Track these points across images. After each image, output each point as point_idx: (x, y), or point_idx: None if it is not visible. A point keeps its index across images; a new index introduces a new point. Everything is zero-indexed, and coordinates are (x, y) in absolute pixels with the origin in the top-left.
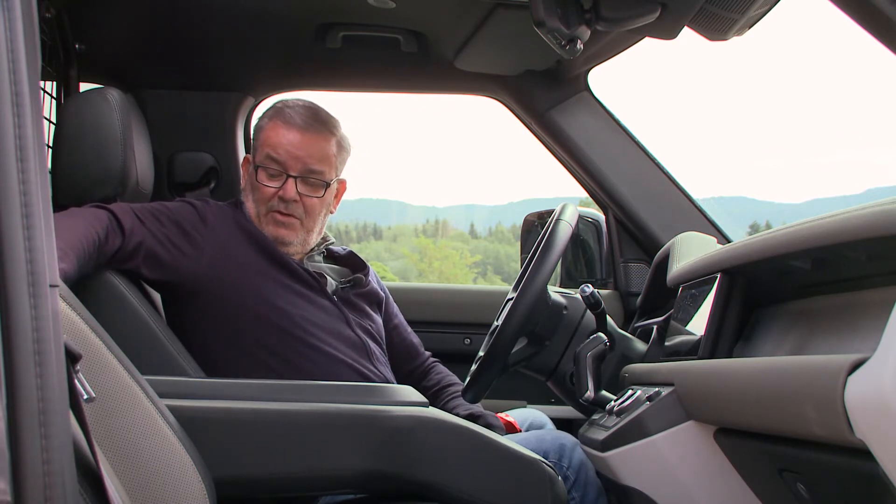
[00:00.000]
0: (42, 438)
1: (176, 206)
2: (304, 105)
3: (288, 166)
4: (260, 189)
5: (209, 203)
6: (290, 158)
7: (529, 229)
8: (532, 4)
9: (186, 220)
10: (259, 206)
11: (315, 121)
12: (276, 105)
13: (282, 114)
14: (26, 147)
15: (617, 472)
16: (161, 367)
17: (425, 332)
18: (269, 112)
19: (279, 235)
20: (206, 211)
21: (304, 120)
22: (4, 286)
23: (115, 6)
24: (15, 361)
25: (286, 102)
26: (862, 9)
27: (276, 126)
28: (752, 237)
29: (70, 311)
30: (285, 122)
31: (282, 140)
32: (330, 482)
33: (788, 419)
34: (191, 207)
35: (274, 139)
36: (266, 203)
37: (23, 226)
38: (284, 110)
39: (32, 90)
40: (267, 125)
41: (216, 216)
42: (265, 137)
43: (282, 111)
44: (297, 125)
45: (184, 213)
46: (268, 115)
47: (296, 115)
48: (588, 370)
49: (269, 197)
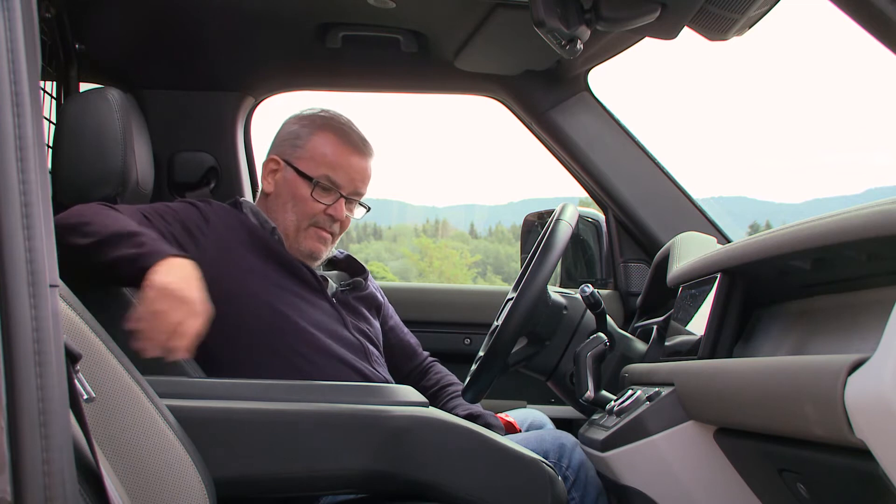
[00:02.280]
0: (42, 438)
1: (180, 206)
2: (352, 123)
3: (343, 187)
4: (309, 203)
5: (211, 203)
6: (347, 181)
7: (529, 229)
8: (532, 4)
9: (190, 220)
10: (301, 220)
11: (367, 144)
12: (325, 117)
13: (341, 133)
14: (26, 147)
15: (617, 472)
16: (161, 367)
17: (425, 332)
18: (317, 122)
19: (316, 250)
20: (208, 211)
21: (364, 143)
22: (4, 286)
23: (115, 6)
24: (15, 361)
25: (338, 118)
26: (862, 9)
27: (336, 144)
28: (752, 237)
29: (70, 311)
30: (348, 143)
31: (343, 162)
32: (330, 482)
33: (788, 419)
34: (194, 207)
35: (335, 159)
36: (311, 217)
37: (23, 226)
38: (343, 128)
39: (32, 90)
40: (321, 139)
41: (219, 216)
42: (322, 153)
43: (340, 129)
44: (359, 149)
45: (187, 212)
46: (318, 125)
47: (355, 136)
48: (588, 370)
49: (317, 212)
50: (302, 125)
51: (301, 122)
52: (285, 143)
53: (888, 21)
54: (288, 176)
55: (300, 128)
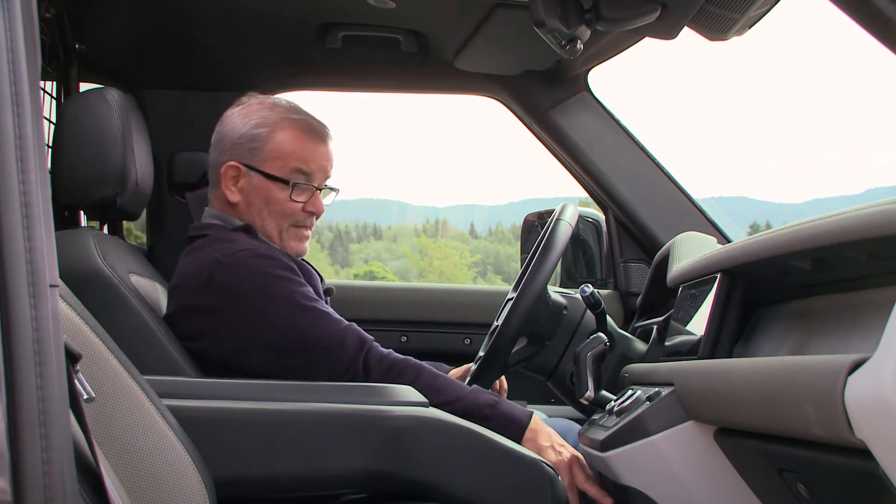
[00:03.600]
0: (42, 438)
1: (285, 270)
2: (305, 110)
3: (315, 179)
4: (286, 205)
5: (256, 252)
6: (318, 171)
7: (529, 229)
8: (532, 4)
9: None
10: (282, 222)
11: (326, 127)
12: (277, 111)
13: (301, 124)
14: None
15: (617, 472)
16: (161, 367)
17: (425, 332)
18: (272, 119)
19: (301, 251)
20: (278, 259)
21: (323, 127)
22: (4, 286)
23: (115, 6)
24: (15, 361)
25: (290, 109)
26: (862, 9)
27: (299, 138)
28: (752, 237)
29: (70, 311)
30: (311, 134)
31: (311, 154)
32: (330, 482)
33: (788, 419)
34: (281, 262)
35: (303, 154)
36: (291, 218)
37: (23, 226)
38: (301, 120)
39: (32, 90)
40: (283, 136)
41: (279, 258)
42: (289, 151)
43: (299, 121)
44: (322, 136)
45: (293, 270)
46: (273, 122)
47: (314, 123)
48: (588, 370)
49: (296, 212)
50: (254, 124)
51: (250, 120)
52: (240, 147)
53: (888, 21)
54: (255, 181)
55: (253, 128)
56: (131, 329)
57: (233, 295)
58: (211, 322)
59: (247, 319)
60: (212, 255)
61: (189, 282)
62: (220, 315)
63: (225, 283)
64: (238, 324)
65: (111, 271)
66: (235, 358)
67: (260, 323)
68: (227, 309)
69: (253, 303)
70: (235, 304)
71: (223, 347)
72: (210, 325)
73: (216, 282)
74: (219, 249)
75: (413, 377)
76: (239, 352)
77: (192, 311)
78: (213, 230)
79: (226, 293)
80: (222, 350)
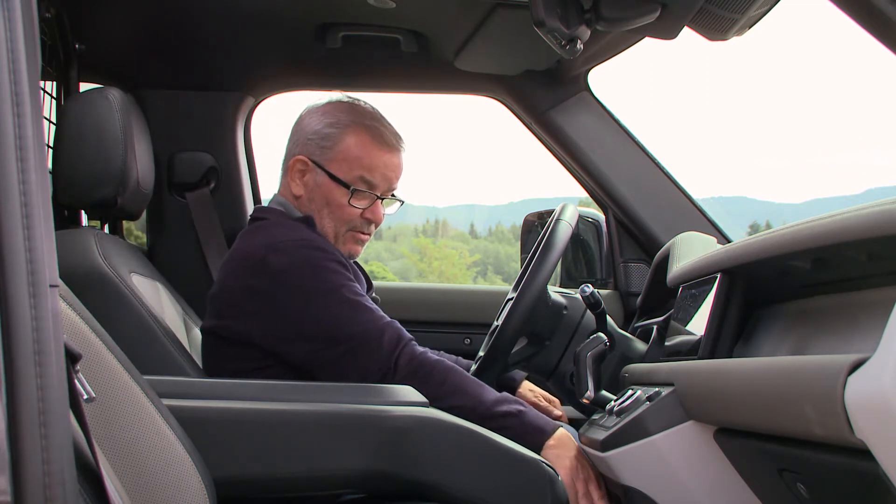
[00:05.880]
0: (42, 438)
1: (337, 264)
2: (382, 116)
3: (378, 188)
4: (346, 209)
5: (313, 244)
6: (382, 180)
7: (529, 229)
8: (532, 4)
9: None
10: (339, 226)
11: (400, 138)
12: (353, 113)
13: (373, 131)
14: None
15: (617, 472)
16: (161, 367)
17: (425, 332)
18: (345, 120)
19: (355, 253)
20: (329, 253)
21: (397, 138)
22: (4, 286)
23: (115, 6)
24: (15, 361)
25: (367, 113)
26: (862, 9)
27: (369, 144)
28: (752, 237)
29: (70, 311)
30: (381, 142)
31: (378, 163)
32: (330, 482)
33: (788, 419)
34: (336, 261)
35: (370, 161)
36: (349, 223)
37: (23, 226)
38: (374, 126)
39: (32, 90)
40: (353, 140)
41: (334, 253)
42: (356, 156)
43: (372, 127)
44: (392, 146)
45: (343, 266)
46: (346, 124)
47: (387, 133)
48: (588, 370)
49: (355, 217)
50: (328, 123)
51: (326, 118)
52: (312, 143)
53: (888, 21)
54: (320, 180)
55: (326, 126)
56: (131, 329)
57: (282, 280)
58: (255, 303)
59: (291, 306)
60: (268, 239)
61: (242, 261)
62: (265, 297)
63: (276, 266)
64: (281, 309)
65: (112, 271)
66: (271, 342)
67: (303, 311)
68: (274, 292)
69: (300, 290)
70: (282, 290)
71: (262, 330)
72: (253, 306)
73: (268, 264)
74: (276, 234)
75: (440, 380)
76: (277, 337)
77: (240, 290)
78: (274, 216)
79: (275, 277)
80: (261, 333)
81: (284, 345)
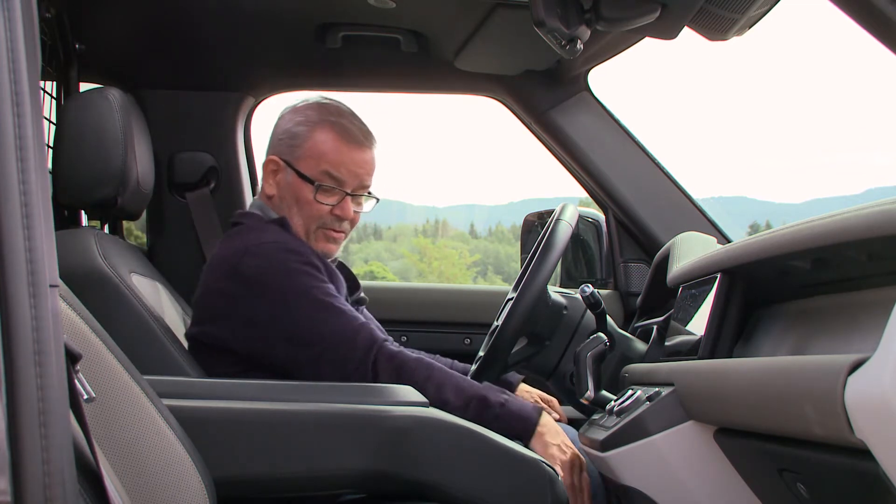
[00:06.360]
0: (42, 438)
1: (309, 266)
2: (351, 114)
3: (346, 184)
4: (313, 206)
5: (283, 244)
6: (350, 177)
7: (529, 229)
8: (532, 4)
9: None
10: (309, 223)
11: (369, 135)
12: (322, 112)
13: (340, 128)
14: (26, 147)
15: (617, 472)
16: (161, 367)
17: (425, 332)
18: (314, 118)
19: (327, 251)
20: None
21: (364, 135)
22: (4, 286)
23: (115, 6)
24: (15, 361)
25: (336, 111)
26: (862, 9)
27: (335, 141)
28: (752, 237)
29: (70, 311)
30: (348, 139)
31: (344, 158)
32: (329, 482)
33: (788, 419)
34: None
35: (336, 157)
36: (318, 220)
37: (23, 226)
38: (341, 123)
39: (32, 90)
40: (320, 137)
41: (308, 254)
42: (322, 152)
43: (339, 125)
44: (360, 142)
45: (317, 268)
46: (314, 122)
47: (354, 129)
48: (588, 370)
49: (323, 214)
50: (297, 122)
51: (296, 118)
52: (282, 143)
53: (888, 21)
54: (289, 178)
55: (295, 125)
56: (131, 329)
57: (253, 284)
58: (229, 307)
59: (264, 309)
60: (242, 243)
61: (219, 266)
62: (239, 301)
63: (248, 271)
64: (255, 312)
65: (112, 271)
66: (248, 345)
67: (276, 314)
68: (246, 297)
69: (272, 293)
70: (255, 293)
71: (238, 334)
72: (228, 311)
73: (241, 268)
74: (250, 238)
75: (423, 377)
76: (253, 340)
77: (215, 294)
78: (251, 219)
79: (247, 281)
80: (237, 337)
81: (261, 348)
